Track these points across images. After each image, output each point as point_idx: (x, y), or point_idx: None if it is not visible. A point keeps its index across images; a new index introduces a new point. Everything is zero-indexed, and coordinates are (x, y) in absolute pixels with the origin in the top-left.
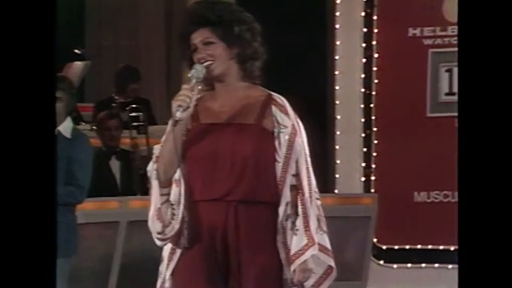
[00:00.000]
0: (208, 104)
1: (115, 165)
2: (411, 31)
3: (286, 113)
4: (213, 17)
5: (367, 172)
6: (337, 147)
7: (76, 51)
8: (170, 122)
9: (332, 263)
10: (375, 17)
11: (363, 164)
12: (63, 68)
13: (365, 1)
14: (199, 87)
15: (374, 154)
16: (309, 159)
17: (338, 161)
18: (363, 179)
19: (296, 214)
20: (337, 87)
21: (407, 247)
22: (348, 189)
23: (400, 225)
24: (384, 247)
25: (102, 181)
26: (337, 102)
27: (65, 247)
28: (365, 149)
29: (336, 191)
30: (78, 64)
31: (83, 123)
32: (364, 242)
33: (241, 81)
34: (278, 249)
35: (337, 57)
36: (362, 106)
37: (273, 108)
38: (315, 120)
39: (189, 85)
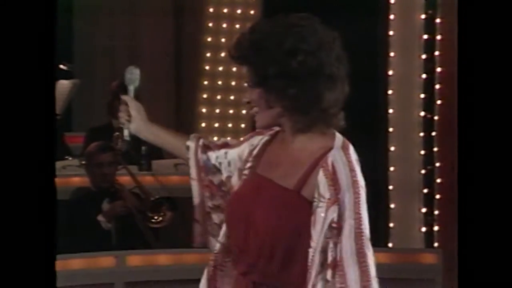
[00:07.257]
0: (273, 149)
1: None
2: None
3: (334, 181)
4: (244, 51)
5: (428, 220)
6: (390, 187)
7: (62, 66)
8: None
9: None
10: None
11: (424, 210)
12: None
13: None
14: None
15: (438, 196)
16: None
17: (392, 205)
18: (424, 229)
19: None
20: (390, 111)
21: None
22: (405, 243)
23: None
24: None
25: (92, 232)
26: (391, 129)
27: None
28: (425, 190)
29: (390, 244)
30: (64, 84)
31: (70, 158)
32: None
33: (299, 132)
34: None
35: (390, 73)
36: (422, 134)
37: (320, 173)
38: (363, 153)
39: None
